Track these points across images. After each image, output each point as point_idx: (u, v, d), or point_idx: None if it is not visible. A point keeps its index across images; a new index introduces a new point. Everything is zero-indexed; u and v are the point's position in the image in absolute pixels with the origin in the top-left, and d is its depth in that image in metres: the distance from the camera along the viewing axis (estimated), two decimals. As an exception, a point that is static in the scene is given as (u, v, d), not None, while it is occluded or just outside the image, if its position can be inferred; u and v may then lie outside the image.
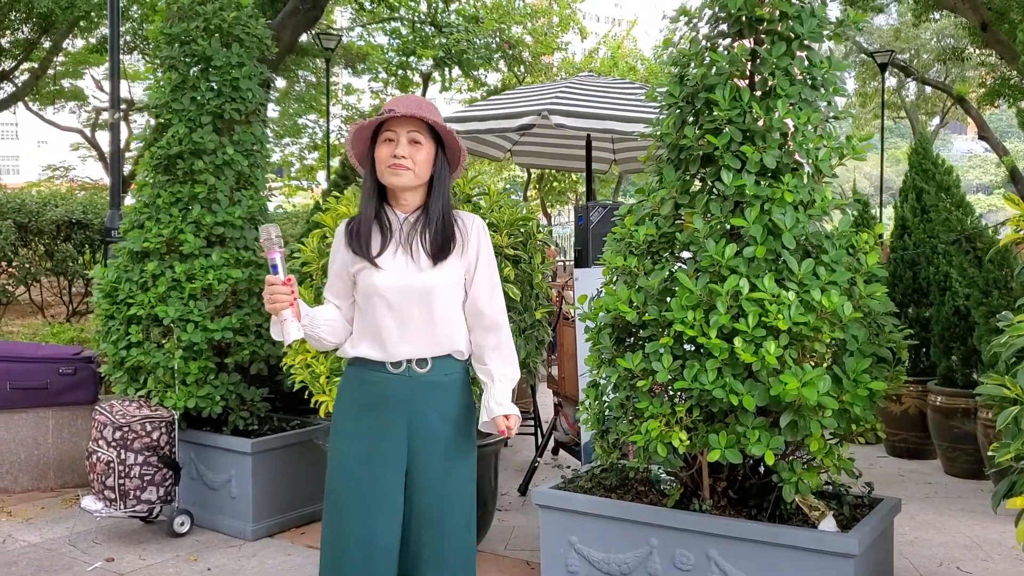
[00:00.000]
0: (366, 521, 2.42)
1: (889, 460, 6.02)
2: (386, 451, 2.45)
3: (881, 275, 3.10)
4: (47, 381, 5.21)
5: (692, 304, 2.97)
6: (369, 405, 2.48)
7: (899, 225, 6.01)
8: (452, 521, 2.50)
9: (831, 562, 2.92)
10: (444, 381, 2.50)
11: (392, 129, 2.43)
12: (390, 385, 2.46)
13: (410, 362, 2.46)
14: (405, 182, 2.44)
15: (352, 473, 2.46)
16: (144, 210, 4.64)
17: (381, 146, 2.45)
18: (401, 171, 2.42)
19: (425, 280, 2.45)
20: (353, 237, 2.49)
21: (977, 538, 4.33)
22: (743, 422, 2.94)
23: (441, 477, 2.48)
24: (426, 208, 2.51)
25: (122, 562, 4.09)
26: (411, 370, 2.46)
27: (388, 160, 2.42)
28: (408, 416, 2.46)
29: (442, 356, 2.49)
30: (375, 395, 2.47)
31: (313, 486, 4.66)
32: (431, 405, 2.47)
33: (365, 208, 2.50)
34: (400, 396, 2.46)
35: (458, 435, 2.51)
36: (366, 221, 2.48)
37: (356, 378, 2.52)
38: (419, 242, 2.47)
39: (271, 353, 4.61)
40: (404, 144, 2.42)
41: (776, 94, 3.10)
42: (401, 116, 2.41)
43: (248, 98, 4.72)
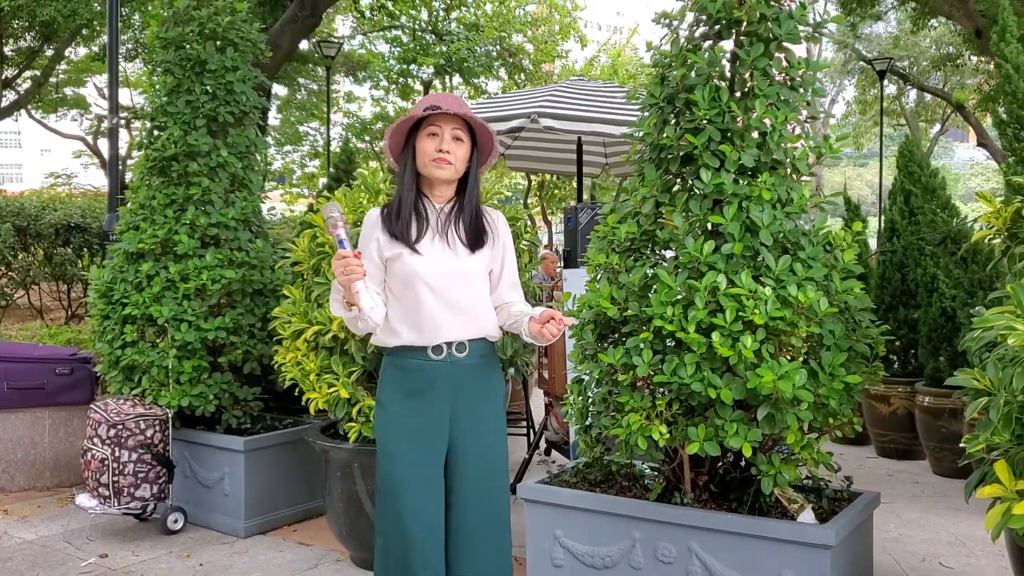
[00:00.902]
0: (423, 501, 2.57)
1: (878, 460, 6.07)
2: (432, 435, 2.61)
3: (857, 271, 3.16)
4: (44, 381, 5.28)
5: (671, 300, 3.02)
6: (413, 392, 2.61)
7: (888, 227, 6.07)
8: (500, 490, 2.69)
9: (809, 553, 2.97)
10: (480, 363, 2.67)
11: (437, 124, 2.59)
12: (433, 371, 2.61)
13: (450, 346, 2.61)
14: (448, 175, 2.62)
15: (405, 457, 2.59)
16: (139, 211, 4.71)
17: (424, 140, 2.60)
18: (445, 165, 2.59)
19: (465, 266, 2.63)
20: (393, 222, 2.61)
21: (961, 535, 4.37)
22: (721, 415, 3.00)
23: (488, 451, 2.68)
24: (460, 200, 2.69)
25: (115, 558, 4.14)
26: (452, 355, 2.62)
27: (433, 154, 2.58)
28: (452, 399, 2.62)
29: (477, 339, 2.66)
30: (419, 381, 2.61)
31: (305, 484, 4.72)
32: (473, 386, 2.65)
33: (405, 196, 2.62)
34: (443, 381, 2.61)
35: (496, 410, 2.72)
36: (406, 209, 2.62)
37: (397, 367, 2.65)
38: (455, 231, 2.65)
39: (264, 353, 4.67)
40: (448, 140, 2.59)
41: (754, 94, 3.17)
42: (445, 113, 2.57)
43: (242, 101, 4.79)
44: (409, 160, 2.63)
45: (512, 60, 21.53)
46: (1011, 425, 2.52)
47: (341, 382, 3.78)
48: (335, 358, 3.84)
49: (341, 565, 4.05)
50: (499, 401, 2.73)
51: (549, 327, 2.56)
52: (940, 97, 25.74)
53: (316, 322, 3.84)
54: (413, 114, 2.61)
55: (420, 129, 2.61)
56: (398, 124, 2.62)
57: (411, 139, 2.64)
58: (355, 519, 3.90)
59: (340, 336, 3.78)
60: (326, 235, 3.97)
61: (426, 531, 2.56)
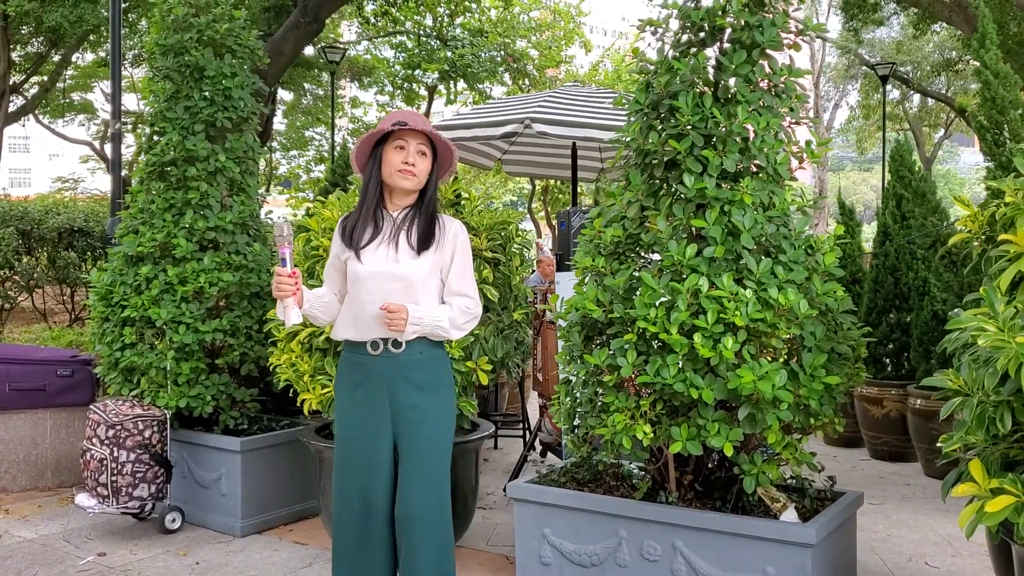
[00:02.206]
0: (362, 480, 2.84)
1: (871, 463, 6.11)
2: (375, 423, 2.85)
3: (839, 274, 3.21)
4: (45, 383, 5.35)
5: (654, 302, 3.08)
6: (357, 384, 2.88)
7: (881, 231, 6.12)
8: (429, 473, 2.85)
9: (790, 551, 3.03)
10: (419, 359, 2.87)
11: (403, 139, 2.84)
12: (371, 365, 2.86)
13: (386, 342, 2.85)
14: (411, 185, 2.86)
15: (349, 443, 2.88)
16: (139, 215, 4.79)
17: (391, 152, 2.84)
18: (410, 176, 2.84)
19: (401, 269, 2.83)
20: (346, 230, 2.90)
21: (948, 535, 4.42)
22: (703, 415, 3.06)
23: (427, 438, 2.86)
24: (416, 208, 2.91)
25: (114, 556, 4.21)
26: (388, 351, 2.85)
27: (399, 165, 2.83)
28: (389, 391, 2.85)
29: (415, 338, 2.85)
30: (361, 375, 2.88)
31: (301, 485, 4.79)
32: (409, 380, 2.85)
33: (367, 204, 2.89)
34: (380, 375, 2.85)
35: (439, 402, 2.90)
36: (364, 217, 2.88)
37: (346, 360, 2.93)
38: (404, 236, 2.87)
39: (261, 355, 4.73)
40: (414, 153, 2.84)
41: (737, 100, 3.23)
42: (412, 129, 2.83)
43: (240, 107, 4.87)
44: (375, 170, 2.87)
45: (516, 65, 21.61)
46: (984, 425, 2.57)
47: (334, 383, 3.83)
48: (328, 359, 3.90)
49: (335, 564, 4.11)
50: (442, 394, 2.91)
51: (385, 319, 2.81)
52: (943, 102, 25.76)
53: (310, 324, 3.90)
54: (381, 128, 2.84)
55: (387, 142, 2.85)
56: (367, 136, 2.85)
57: (376, 151, 2.87)
58: (348, 518, 3.95)
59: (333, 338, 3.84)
60: (320, 239, 4.04)
61: (362, 504, 2.83)
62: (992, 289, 2.58)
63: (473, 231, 4.00)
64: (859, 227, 6.71)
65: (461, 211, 4.15)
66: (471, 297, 2.95)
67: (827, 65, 32.41)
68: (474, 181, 25.17)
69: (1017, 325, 2.46)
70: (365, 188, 2.90)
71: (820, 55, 31.80)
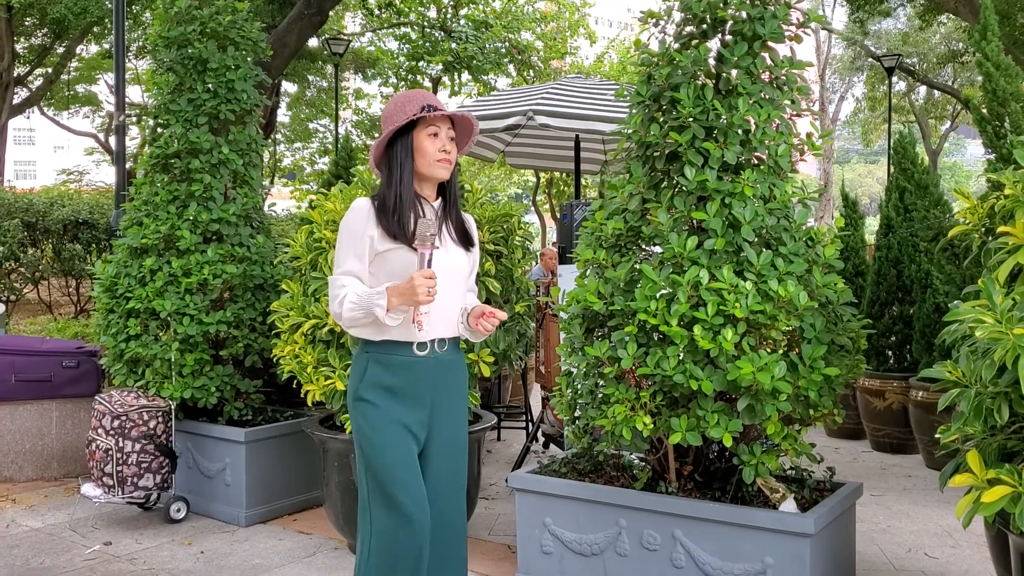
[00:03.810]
0: (418, 492, 2.58)
1: (873, 455, 6.13)
2: (412, 428, 2.63)
3: (839, 266, 3.23)
4: (51, 374, 5.39)
5: (655, 294, 3.10)
6: (396, 387, 2.61)
7: (884, 224, 6.13)
8: (462, 483, 2.76)
9: (789, 541, 3.05)
10: (455, 359, 2.74)
11: (436, 124, 2.63)
12: (416, 367, 2.63)
13: (433, 343, 2.65)
14: (448, 175, 2.68)
15: (394, 450, 2.58)
16: (143, 207, 4.82)
17: (425, 140, 2.62)
18: (447, 165, 2.65)
19: (461, 264, 2.70)
20: (390, 218, 2.58)
21: (948, 527, 4.43)
22: (703, 406, 3.08)
23: (459, 446, 2.74)
24: (445, 199, 2.74)
25: (119, 545, 4.25)
26: (434, 351, 2.66)
27: (437, 154, 2.63)
28: (432, 395, 2.65)
29: (454, 337, 2.73)
30: (403, 377, 2.61)
31: (305, 475, 4.82)
32: (450, 382, 2.70)
33: (404, 193, 2.60)
34: (425, 377, 2.64)
35: (466, 404, 2.78)
36: (406, 207, 2.59)
37: (380, 363, 2.62)
38: (446, 229, 2.70)
39: (265, 346, 4.76)
40: (447, 140, 2.65)
41: (738, 92, 3.24)
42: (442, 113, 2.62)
43: (243, 99, 4.89)
44: (407, 159, 2.62)
45: (521, 57, 21.58)
46: (981, 415, 2.58)
47: (337, 374, 3.86)
48: (332, 351, 3.92)
49: (339, 553, 4.14)
50: (467, 395, 2.81)
51: (483, 322, 2.63)
52: (949, 94, 25.67)
53: (313, 316, 3.93)
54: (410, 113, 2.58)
55: (416, 129, 2.62)
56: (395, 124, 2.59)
57: (404, 140, 2.62)
58: (351, 507, 3.98)
59: (336, 330, 3.87)
60: (323, 231, 4.06)
61: (425, 519, 2.58)
62: (990, 281, 2.59)
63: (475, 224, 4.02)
64: (862, 219, 6.72)
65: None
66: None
67: (833, 57, 32.32)
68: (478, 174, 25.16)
69: (1015, 317, 2.47)
70: (400, 179, 2.61)
71: (826, 47, 31.70)
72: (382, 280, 2.60)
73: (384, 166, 2.67)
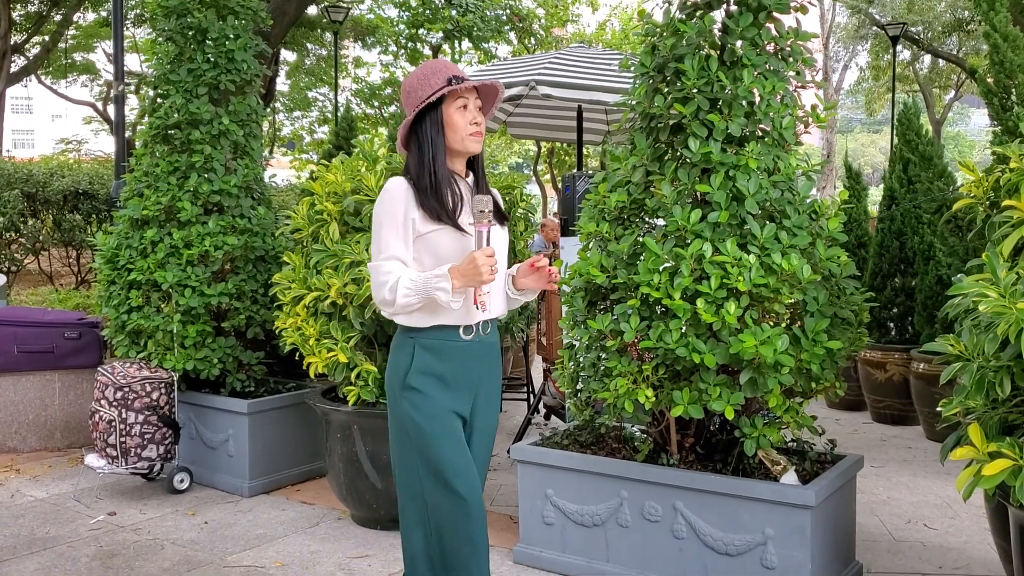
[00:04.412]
0: (472, 479, 2.52)
1: (873, 426, 6.15)
2: (460, 413, 2.56)
3: (842, 239, 3.22)
4: (53, 345, 5.40)
5: (658, 267, 3.09)
6: (442, 373, 2.52)
7: (887, 196, 6.10)
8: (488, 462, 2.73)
9: (790, 513, 3.07)
10: (495, 341, 2.66)
11: (464, 96, 2.50)
12: (465, 352, 2.54)
13: (479, 326, 2.55)
14: (480, 148, 2.56)
15: (448, 440, 2.50)
16: (143, 179, 4.80)
17: (455, 114, 2.49)
18: (479, 138, 2.53)
19: (503, 240, 2.61)
20: (429, 198, 2.46)
21: (948, 498, 4.46)
22: (705, 379, 3.08)
23: (493, 426, 2.71)
24: (474, 174, 2.62)
25: (123, 516, 4.28)
26: (479, 335, 2.56)
27: (468, 127, 2.50)
28: (476, 378, 2.58)
29: (495, 318, 2.65)
30: (452, 362, 2.52)
31: (308, 445, 4.84)
32: (492, 364, 2.64)
33: (438, 171, 2.48)
34: (473, 362, 2.56)
35: (499, 387, 2.73)
36: (443, 185, 2.48)
37: (427, 348, 2.51)
38: None
39: (267, 318, 4.77)
40: (476, 112, 2.53)
41: (743, 64, 3.21)
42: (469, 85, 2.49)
43: (243, 69, 4.85)
44: (438, 135, 2.49)
45: (522, 25, 21.40)
46: (983, 389, 2.59)
47: (340, 347, 3.87)
48: (334, 323, 3.93)
49: (342, 523, 4.17)
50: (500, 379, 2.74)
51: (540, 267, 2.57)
52: (954, 63, 25.47)
53: (315, 288, 3.92)
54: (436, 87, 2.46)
55: (444, 103, 2.49)
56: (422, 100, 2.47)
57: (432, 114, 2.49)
58: (354, 479, 4.01)
59: (338, 302, 3.87)
60: (324, 203, 4.04)
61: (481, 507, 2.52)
62: (994, 255, 2.59)
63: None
64: (865, 191, 6.69)
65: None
66: None
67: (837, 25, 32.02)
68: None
69: (1018, 291, 2.47)
70: (433, 158, 2.47)
71: (830, 15, 31.41)
72: (427, 264, 2.48)
73: (413, 144, 2.53)
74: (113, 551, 3.80)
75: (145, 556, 3.75)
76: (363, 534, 4.02)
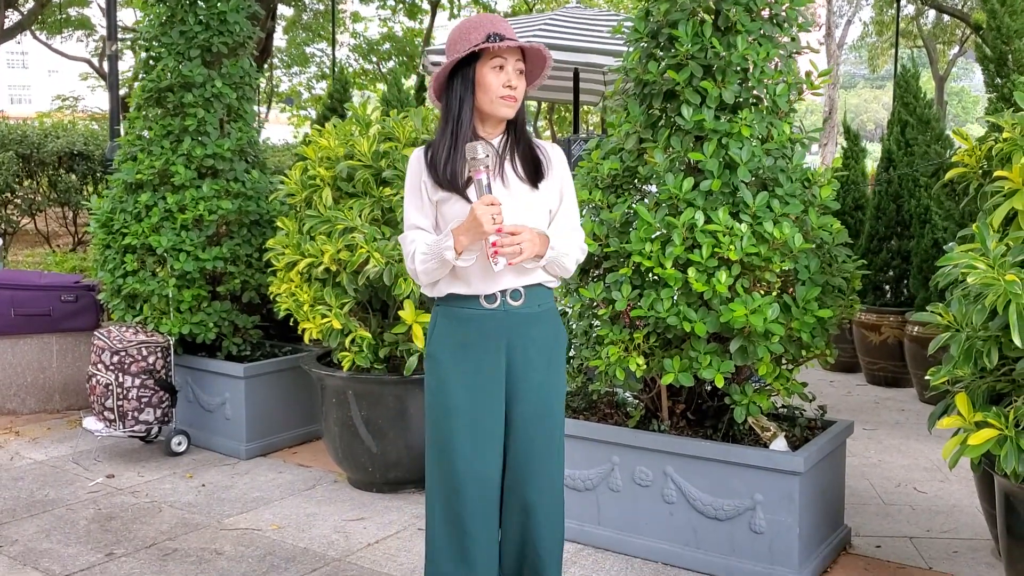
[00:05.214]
0: (477, 459, 2.41)
1: (867, 388, 6.19)
2: (488, 388, 2.42)
3: (834, 207, 3.21)
4: (50, 308, 5.41)
5: (650, 236, 3.09)
6: (464, 343, 2.41)
7: (885, 157, 6.08)
8: (552, 451, 2.50)
9: (779, 479, 3.10)
10: (538, 312, 2.44)
11: (503, 56, 2.33)
12: (486, 321, 2.40)
13: (504, 294, 2.40)
14: (513, 113, 2.39)
15: (458, 413, 2.41)
16: (136, 142, 4.78)
17: (489, 74, 2.32)
18: (513, 103, 2.36)
19: (522, 205, 2.38)
20: (436, 168, 2.37)
21: (938, 461, 4.51)
22: (696, 348, 3.10)
23: (549, 408, 2.48)
24: (512, 134, 2.44)
25: (122, 478, 4.32)
26: (506, 303, 2.40)
27: (501, 90, 2.33)
28: (507, 351, 2.41)
29: (533, 285, 2.43)
30: (472, 333, 2.41)
31: (305, 408, 4.88)
32: (528, 337, 2.43)
33: (459, 131, 2.36)
34: (497, 332, 2.40)
35: (553, 365, 2.50)
36: (460, 143, 2.34)
37: (449, 316, 2.44)
38: (510, 167, 2.41)
39: (262, 282, 4.77)
40: (514, 74, 2.34)
41: (737, 30, 3.18)
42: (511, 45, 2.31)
43: (235, 31, 4.80)
44: (467, 94, 2.35)
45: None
46: (971, 359, 2.60)
47: (334, 313, 3.88)
48: (328, 290, 3.93)
49: (338, 485, 4.22)
50: (558, 351, 2.52)
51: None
52: (958, 18, 25.12)
53: (309, 254, 3.92)
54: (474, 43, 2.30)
55: (480, 61, 2.33)
56: (456, 56, 2.33)
57: (466, 71, 2.35)
58: (350, 443, 4.05)
59: (332, 268, 3.87)
60: (317, 168, 4.03)
61: (479, 490, 2.42)
62: (985, 226, 2.59)
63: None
64: (864, 152, 6.66)
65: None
66: (583, 234, 2.55)
67: (840, -21, 31.57)
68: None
69: (1007, 263, 2.47)
70: (456, 118, 2.35)
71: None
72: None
73: (444, 101, 2.41)
74: (111, 513, 3.85)
75: (143, 519, 3.80)
76: (359, 497, 4.07)
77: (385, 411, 3.97)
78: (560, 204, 2.48)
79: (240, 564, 3.36)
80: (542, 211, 2.43)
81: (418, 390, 3.97)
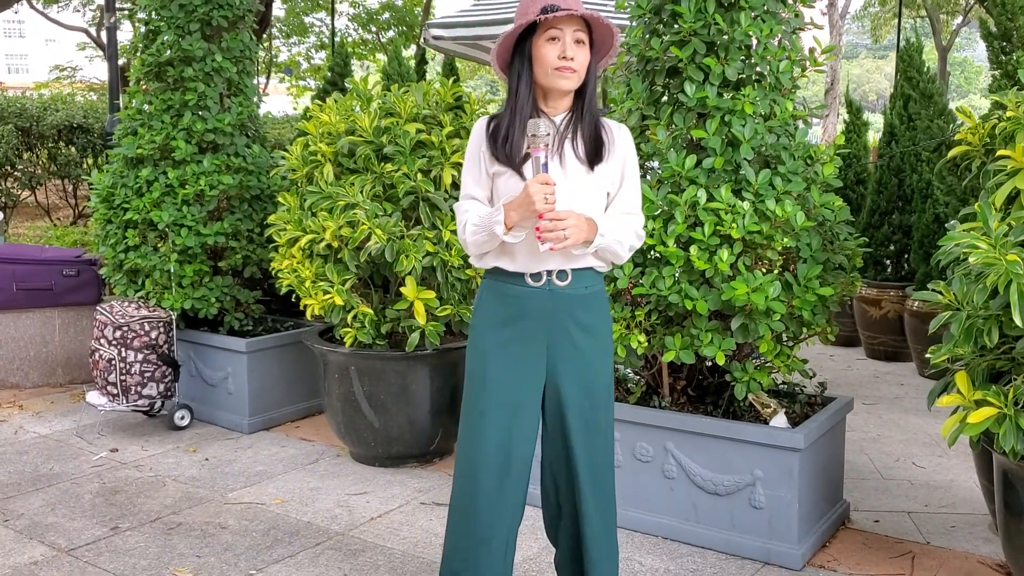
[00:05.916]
0: (504, 430, 2.40)
1: (867, 362, 6.21)
2: (527, 364, 2.41)
3: (836, 185, 3.21)
4: (52, 282, 5.42)
5: (652, 214, 3.10)
6: (509, 319, 2.40)
7: (887, 132, 6.06)
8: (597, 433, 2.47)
9: (779, 455, 3.12)
10: (584, 294, 2.40)
11: (557, 27, 2.27)
12: (530, 299, 2.38)
13: (551, 274, 2.36)
14: (572, 85, 2.33)
15: (492, 385, 2.40)
16: (136, 116, 4.76)
17: (544, 46, 2.28)
18: (569, 74, 2.29)
19: (576, 186, 2.33)
20: (497, 142, 2.35)
21: (936, 436, 4.53)
22: (697, 325, 3.11)
23: (595, 390, 2.45)
24: (577, 110, 2.39)
25: (125, 452, 4.36)
26: (551, 283, 2.36)
27: (556, 62, 2.27)
28: (549, 330, 2.39)
29: (582, 268, 2.39)
30: (515, 309, 2.39)
31: (307, 383, 4.91)
32: (572, 319, 2.39)
33: (516, 112, 2.32)
34: (541, 310, 2.38)
35: (599, 349, 2.46)
36: (517, 119, 2.32)
37: (494, 291, 2.43)
38: (570, 147, 2.36)
39: (263, 257, 4.78)
40: (571, 44, 2.27)
41: (740, 6, 3.16)
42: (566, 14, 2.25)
43: (235, 5, 4.76)
44: (525, 70, 2.31)
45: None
46: (971, 338, 2.62)
47: (336, 289, 3.89)
48: (329, 266, 3.94)
49: (341, 460, 4.25)
50: (604, 336, 2.47)
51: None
52: (962, -12, 24.89)
53: (310, 230, 3.92)
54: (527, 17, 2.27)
55: (536, 34, 2.29)
56: (511, 32, 2.30)
57: (523, 46, 2.31)
58: (352, 418, 4.07)
59: (334, 245, 3.87)
60: (318, 144, 4.01)
61: (502, 459, 2.41)
62: (987, 206, 2.59)
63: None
64: (866, 126, 6.63)
65: (462, 115, 4.11)
66: (642, 218, 2.48)
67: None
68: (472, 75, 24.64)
69: (1008, 243, 2.48)
70: (515, 92, 2.32)
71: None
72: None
73: (508, 73, 2.37)
74: (116, 488, 3.89)
75: (147, 493, 3.83)
76: (362, 471, 4.10)
77: (387, 387, 3.99)
78: (620, 187, 2.42)
79: (244, 538, 3.39)
80: (598, 194, 2.37)
81: (420, 366, 3.99)
